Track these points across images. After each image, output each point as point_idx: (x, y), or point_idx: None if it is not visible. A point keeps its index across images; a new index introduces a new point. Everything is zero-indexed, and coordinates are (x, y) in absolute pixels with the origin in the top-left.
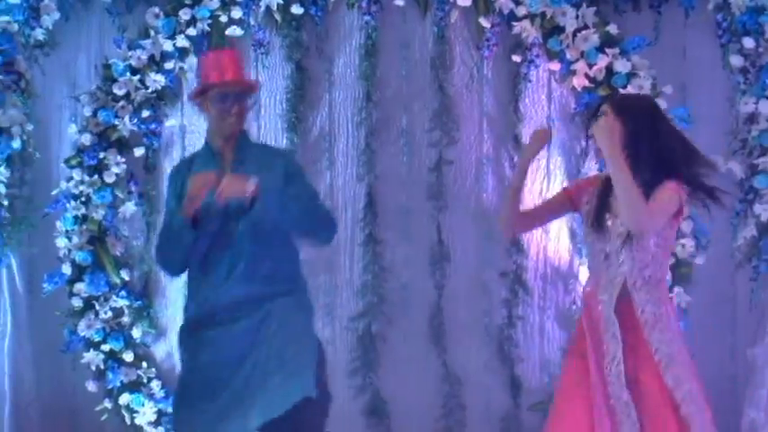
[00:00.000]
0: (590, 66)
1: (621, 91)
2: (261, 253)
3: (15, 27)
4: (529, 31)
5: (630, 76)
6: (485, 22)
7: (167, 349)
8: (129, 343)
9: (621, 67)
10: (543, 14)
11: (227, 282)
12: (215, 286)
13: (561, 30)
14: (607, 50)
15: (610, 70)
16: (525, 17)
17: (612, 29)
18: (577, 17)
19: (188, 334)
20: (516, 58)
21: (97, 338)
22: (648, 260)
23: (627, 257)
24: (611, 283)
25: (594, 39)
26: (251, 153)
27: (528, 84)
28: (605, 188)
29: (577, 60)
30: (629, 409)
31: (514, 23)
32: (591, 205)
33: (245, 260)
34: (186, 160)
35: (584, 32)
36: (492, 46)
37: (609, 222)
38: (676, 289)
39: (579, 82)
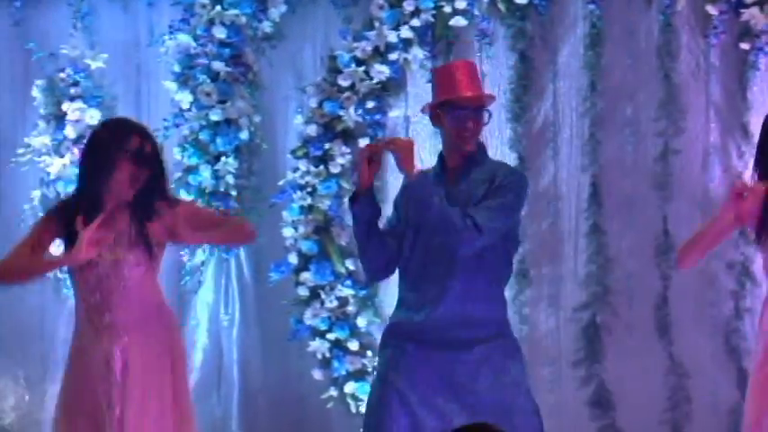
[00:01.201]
0: None
1: None
2: (477, 274)
3: (243, 20)
4: (757, 18)
5: None
6: (712, 10)
7: None
8: (355, 332)
9: None
10: None
11: (439, 299)
12: (427, 301)
13: None
14: None
15: None
16: (754, 4)
17: None
18: None
19: (391, 337)
20: (744, 46)
21: (323, 327)
22: None
23: None
24: None
25: None
26: (479, 168)
27: (756, 72)
28: None
29: None
30: None
31: (742, 10)
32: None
33: (461, 279)
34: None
35: None
36: (719, 34)
37: None
38: None
39: None
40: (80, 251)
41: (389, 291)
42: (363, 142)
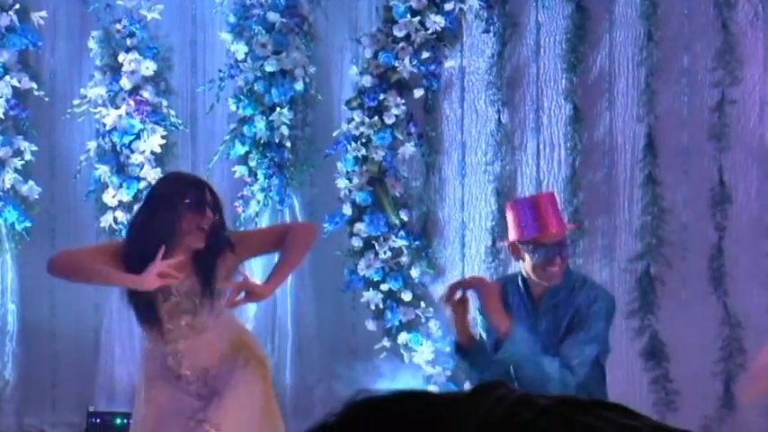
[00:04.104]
0: None
1: None
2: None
3: None
4: None
5: None
6: None
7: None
8: (408, 283)
9: None
10: None
11: None
12: None
13: None
14: None
15: None
16: None
17: None
18: None
19: None
20: None
21: (376, 278)
22: None
23: None
24: None
25: None
26: (566, 292)
27: None
28: None
29: None
30: None
31: None
32: None
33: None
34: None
35: None
36: None
37: None
38: None
39: None
40: (149, 278)
41: (443, 242)
42: (418, 93)
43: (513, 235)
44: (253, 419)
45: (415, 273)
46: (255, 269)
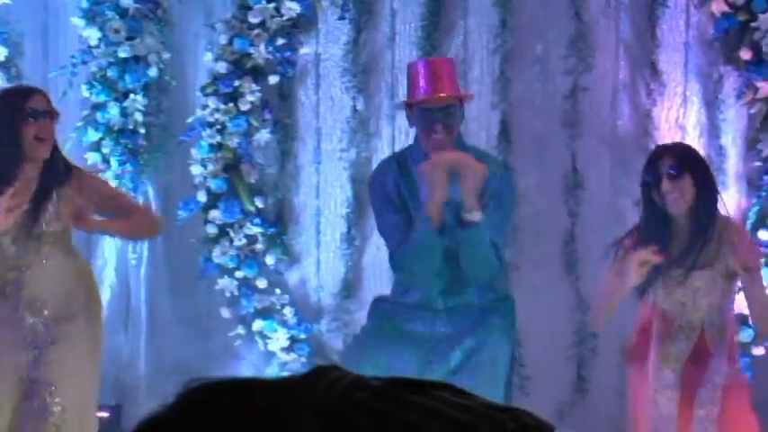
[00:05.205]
0: None
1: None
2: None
3: None
4: None
5: None
6: None
7: (300, 276)
8: (263, 270)
9: None
10: None
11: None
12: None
13: None
14: None
15: None
16: None
17: None
18: None
19: (386, 313)
20: None
21: (231, 265)
22: None
23: None
24: None
25: None
26: None
27: (665, 9)
28: None
29: None
30: None
31: None
32: None
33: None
34: (394, 158)
35: None
36: None
37: None
38: None
39: (718, 7)
40: None
41: (298, 229)
42: (273, 80)
43: (407, 94)
44: (86, 379)
45: (270, 260)
46: None
